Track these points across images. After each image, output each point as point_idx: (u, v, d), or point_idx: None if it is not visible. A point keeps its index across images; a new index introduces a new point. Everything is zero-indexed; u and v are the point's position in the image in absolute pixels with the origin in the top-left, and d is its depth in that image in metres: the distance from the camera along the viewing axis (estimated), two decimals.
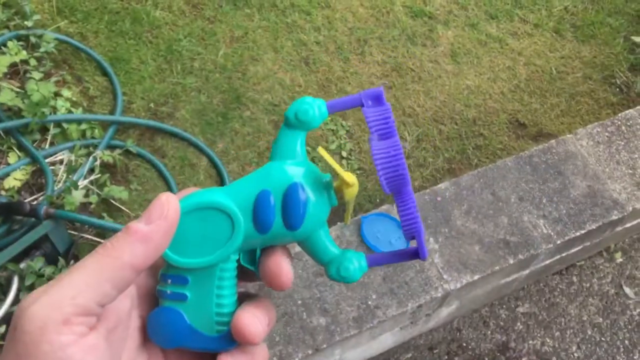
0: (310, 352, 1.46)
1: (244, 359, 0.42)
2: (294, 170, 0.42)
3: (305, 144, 0.44)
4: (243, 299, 0.44)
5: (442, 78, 2.41)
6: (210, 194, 0.42)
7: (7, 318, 1.55)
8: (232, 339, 0.42)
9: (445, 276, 1.60)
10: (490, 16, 2.62)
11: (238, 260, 0.43)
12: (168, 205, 0.39)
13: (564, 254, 1.85)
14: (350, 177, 0.42)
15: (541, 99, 2.42)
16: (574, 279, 2.06)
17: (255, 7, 2.46)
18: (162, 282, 0.43)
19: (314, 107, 0.42)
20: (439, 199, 1.71)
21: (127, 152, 2.01)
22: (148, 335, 0.42)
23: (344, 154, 2.15)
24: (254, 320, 0.40)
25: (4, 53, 2.01)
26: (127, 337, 0.41)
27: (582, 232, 1.72)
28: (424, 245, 0.42)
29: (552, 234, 1.70)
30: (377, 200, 2.07)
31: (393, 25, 2.52)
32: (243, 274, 0.45)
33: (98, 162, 1.93)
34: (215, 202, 0.42)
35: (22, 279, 1.60)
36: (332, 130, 2.19)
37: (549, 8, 2.69)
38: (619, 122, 1.96)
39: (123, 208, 1.90)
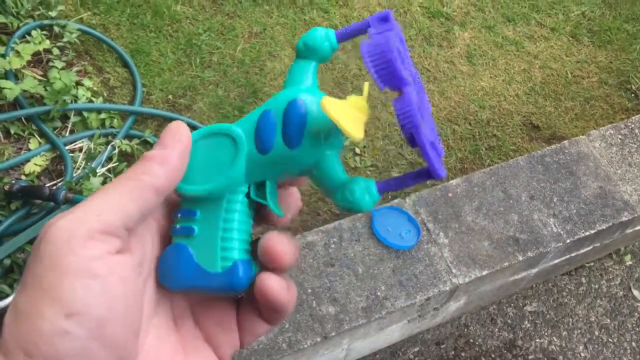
0: (318, 339, 1.48)
1: (279, 279, 0.40)
2: (299, 92, 0.40)
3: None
4: None
5: (457, 79, 2.43)
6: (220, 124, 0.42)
7: None
8: (237, 274, 0.40)
9: (454, 270, 1.61)
10: (507, 19, 2.63)
11: (249, 196, 0.42)
12: (179, 130, 0.40)
13: (573, 254, 1.86)
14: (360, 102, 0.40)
15: (556, 102, 2.43)
16: (583, 280, 2.07)
17: (274, 3, 2.49)
18: (174, 220, 0.43)
19: (322, 34, 0.42)
20: (450, 194, 1.73)
21: (144, 142, 2.05)
22: (158, 278, 0.42)
23: (357, 150, 2.18)
24: (281, 238, 0.40)
25: (28, 42, 2.06)
26: (148, 279, 0.41)
27: (592, 232, 1.73)
28: (432, 158, 0.36)
29: (562, 232, 1.71)
30: (389, 195, 2.09)
31: (410, 25, 2.54)
32: (264, 217, 0.45)
33: (116, 151, 1.97)
34: (220, 128, 0.42)
35: None
36: None
37: (566, 13, 2.70)
38: (633, 125, 1.97)
39: None
